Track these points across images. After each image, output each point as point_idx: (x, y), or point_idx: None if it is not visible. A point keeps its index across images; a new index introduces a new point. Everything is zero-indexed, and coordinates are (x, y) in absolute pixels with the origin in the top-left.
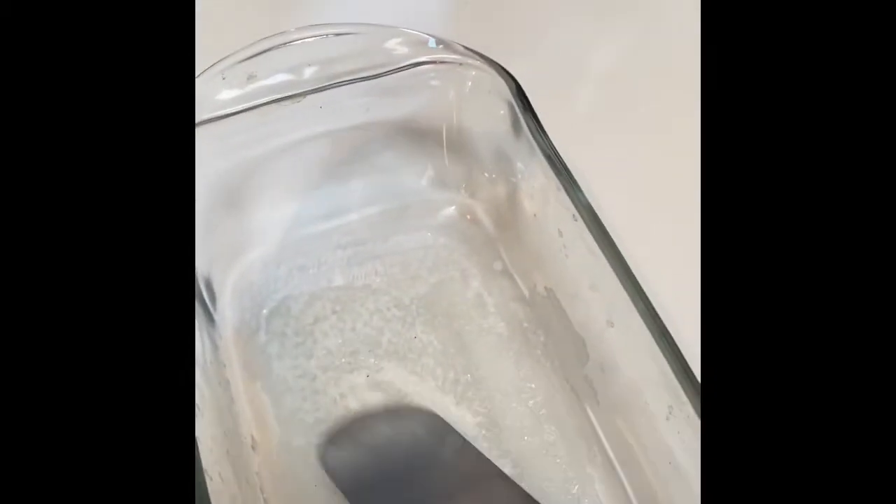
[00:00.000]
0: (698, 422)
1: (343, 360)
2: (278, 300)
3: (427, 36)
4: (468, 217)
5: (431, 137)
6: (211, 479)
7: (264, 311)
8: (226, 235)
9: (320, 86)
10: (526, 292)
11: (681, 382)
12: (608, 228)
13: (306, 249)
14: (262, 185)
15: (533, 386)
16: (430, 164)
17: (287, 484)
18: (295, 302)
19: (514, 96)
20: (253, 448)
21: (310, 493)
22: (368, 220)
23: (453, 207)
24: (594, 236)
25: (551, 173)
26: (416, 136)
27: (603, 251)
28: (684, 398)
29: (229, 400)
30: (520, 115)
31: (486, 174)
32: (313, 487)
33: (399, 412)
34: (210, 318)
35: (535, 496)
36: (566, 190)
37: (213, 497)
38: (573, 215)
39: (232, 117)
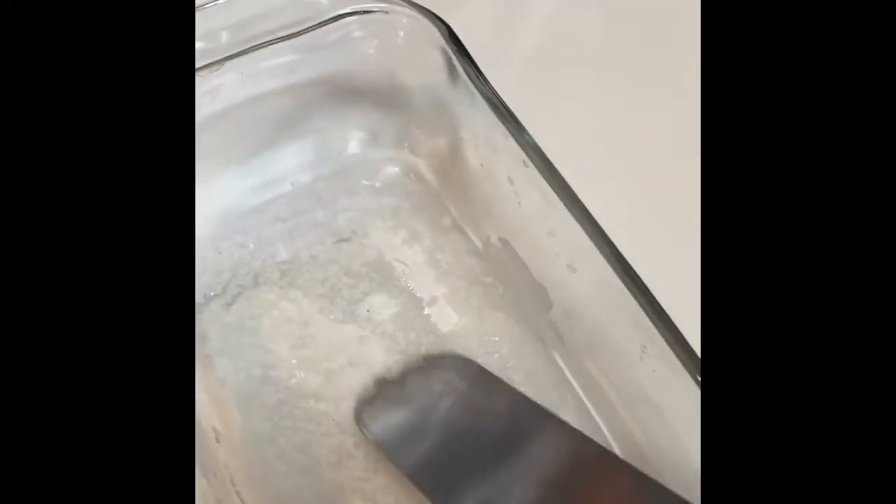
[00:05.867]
0: (674, 357)
1: (297, 336)
2: (222, 282)
3: None
4: (410, 175)
5: (363, 94)
6: None
7: (211, 293)
8: None
9: (238, 50)
10: (479, 244)
11: (653, 321)
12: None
13: (243, 226)
14: None
15: (497, 339)
16: (364, 122)
17: (256, 472)
18: (238, 282)
19: (447, 43)
20: (217, 440)
21: (279, 480)
22: (306, 188)
23: (393, 166)
24: (548, 181)
25: (496, 120)
26: (347, 94)
27: (559, 195)
28: (657, 336)
29: None
30: (456, 63)
31: (425, 128)
32: (282, 474)
33: (431, 362)
34: None
35: None
36: (514, 136)
37: None
38: (523, 161)
39: None
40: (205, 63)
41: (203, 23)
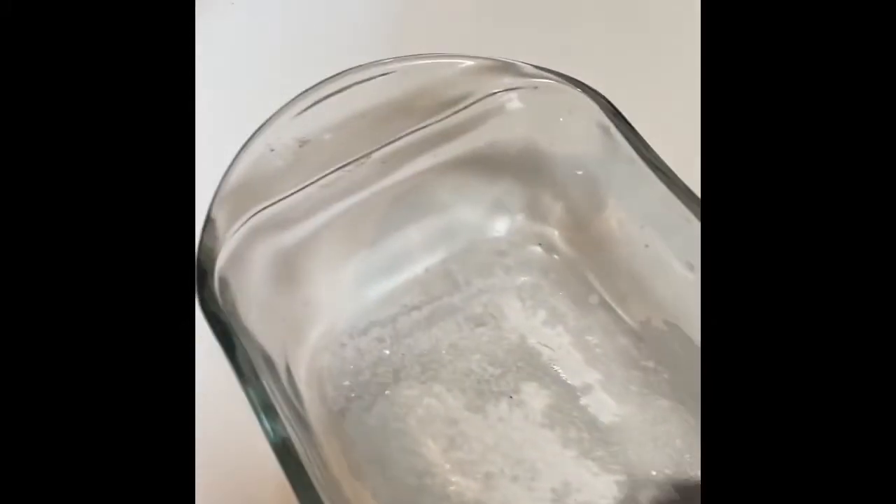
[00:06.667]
0: None
1: (447, 436)
2: (362, 382)
3: (492, 60)
4: (555, 256)
5: (501, 169)
6: None
7: (352, 395)
8: (289, 318)
9: (385, 142)
10: (634, 325)
11: None
12: None
13: (378, 317)
14: (312, 252)
15: (667, 429)
16: (501, 197)
17: None
18: (377, 380)
19: (608, 116)
20: None
21: None
22: (438, 270)
23: (532, 242)
24: None
25: (675, 201)
26: (486, 170)
27: None
28: None
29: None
30: (618, 137)
31: (570, 203)
32: None
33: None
34: (301, 420)
35: None
36: (696, 216)
37: None
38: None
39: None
40: (351, 159)
41: (341, 110)
